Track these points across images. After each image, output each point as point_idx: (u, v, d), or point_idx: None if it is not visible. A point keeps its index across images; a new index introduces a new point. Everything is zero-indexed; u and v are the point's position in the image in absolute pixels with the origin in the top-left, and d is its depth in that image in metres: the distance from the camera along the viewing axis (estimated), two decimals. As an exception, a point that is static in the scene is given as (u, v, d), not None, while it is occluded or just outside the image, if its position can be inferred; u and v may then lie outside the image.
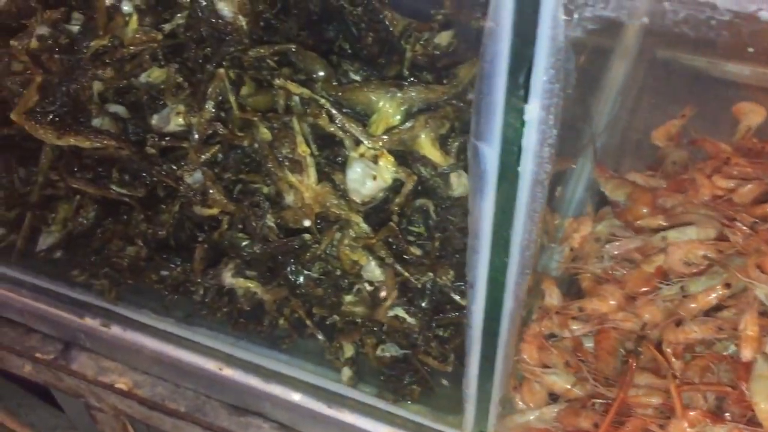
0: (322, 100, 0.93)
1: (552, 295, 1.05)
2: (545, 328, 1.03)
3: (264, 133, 0.94)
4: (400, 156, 0.96)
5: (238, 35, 0.93)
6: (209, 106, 0.94)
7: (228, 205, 0.97)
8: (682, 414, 0.82)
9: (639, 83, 1.42)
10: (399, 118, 0.95)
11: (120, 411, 1.23)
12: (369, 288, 0.98)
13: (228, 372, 1.10)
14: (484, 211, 0.71)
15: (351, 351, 1.04)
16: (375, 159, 0.94)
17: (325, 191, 0.95)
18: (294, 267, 0.99)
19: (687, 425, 0.83)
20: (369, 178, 0.92)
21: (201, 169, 0.95)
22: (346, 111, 0.94)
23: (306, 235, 0.96)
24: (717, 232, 1.02)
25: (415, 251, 0.97)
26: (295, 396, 1.07)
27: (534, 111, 0.61)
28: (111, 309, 1.17)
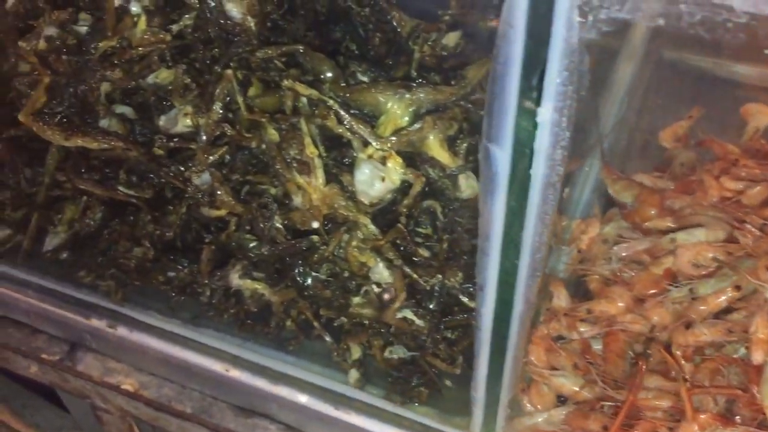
0: (330, 101, 0.92)
1: (560, 297, 1.05)
2: (553, 330, 1.02)
3: (272, 135, 0.94)
4: (408, 157, 0.96)
5: (246, 36, 0.92)
6: (217, 107, 0.94)
7: (236, 207, 0.96)
8: (692, 417, 0.82)
9: (646, 84, 1.41)
10: (407, 119, 0.94)
11: (126, 412, 1.23)
12: (377, 290, 0.97)
13: (235, 373, 1.09)
14: (494, 214, 0.70)
15: (358, 353, 1.04)
16: (383, 160, 0.93)
17: (333, 193, 0.95)
18: (302, 268, 0.98)
19: (697, 428, 0.83)
20: (377, 179, 0.92)
21: (209, 171, 0.95)
22: (354, 112, 0.94)
23: (314, 237, 0.95)
24: (726, 234, 1.01)
25: (424, 253, 0.96)
26: (302, 398, 1.06)
27: (547, 113, 0.60)
28: (117, 310, 1.16)
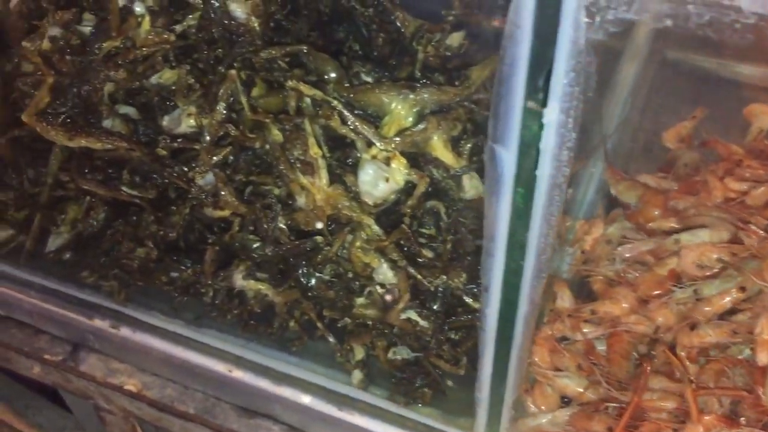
0: (334, 101, 0.92)
1: (564, 298, 1.04)
2: (557, 330, 1.02)
3: (276, 135, 0.94)
4: (411, 158, 0.96)
5: (250, 36, 0.92)
6: (220, 107, 0.94)
7: (239, 207, 0.96)
8: (697, 418, 0.82)
9: (649, 84, 1.41)
10: (411, 119, 0.94)
11: (129, 413, 1.22)
12: (380, 290, 0.97)
13: (238, 374, 1.09)
14: (499, 215, 0.70)
15: (362, 353, 1.04)
16: (387, 161, 0.93)
17: (337, 193, 0.94)
18: (305, 269, 0.98)
19: (702, 430, 0.83)
20: (381, 180, 0.92)
21: (212, 171, 0.95)
22: (358, 112, 0.94)
23: (318, 238, 0.95)
24: (730, 234, 1.01)
25: (427, 254, 0.96)
26: (306, 398, 1.06)
27: (553, 114, 0.60)
28: (120, 310, 1.16)
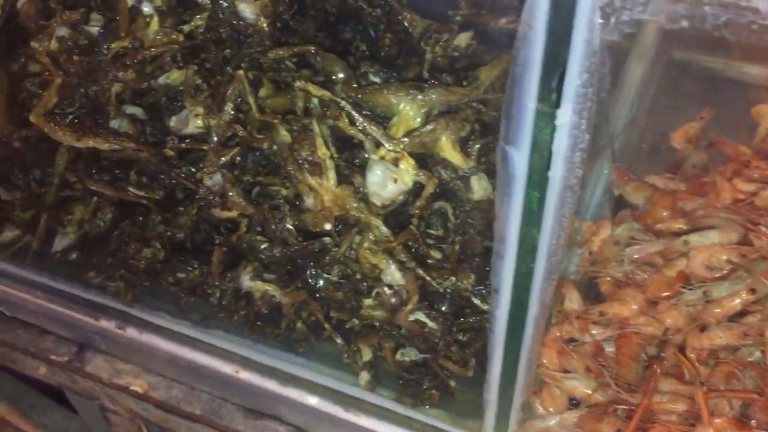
0: (342, 102, 0.92)
1: (572, 299, 1.04)
2: (565, 332, 1.02)
3: (284, 136, 0.94)
4: (420, 159, 0.95)
5: (259, 37, 0.92)
6: (228, 107, 0.93)
7: (247, 208, 0.96)
8: (708, 421, 0.81)
9: (656, 84, 1.41)
10: (419, 120, 0.94)
11: (135, 413, 1.22)
12: (388, 292, 0.97)
13: (244, 375, 1.09)
14: (511, 216, 0.70)
15: (369, 355, 1.03)
16: (395, 162, 0.93)
17: (345, 194, 0.94)
18: (313, 270, 0.98)
19: (713, 432, 0.82)
20: (390, 180, 0.91)
21: (220, 172, 0.94)
22: (366, 113, 0.94)
23: (326, 239, 0.95)
24: (739, 236, 1.01)
25: (436, 255, 0.96)
26: (312, 399, 1.06)
27: (566, 115, 0.60)
28: (126, 311, 1.16)
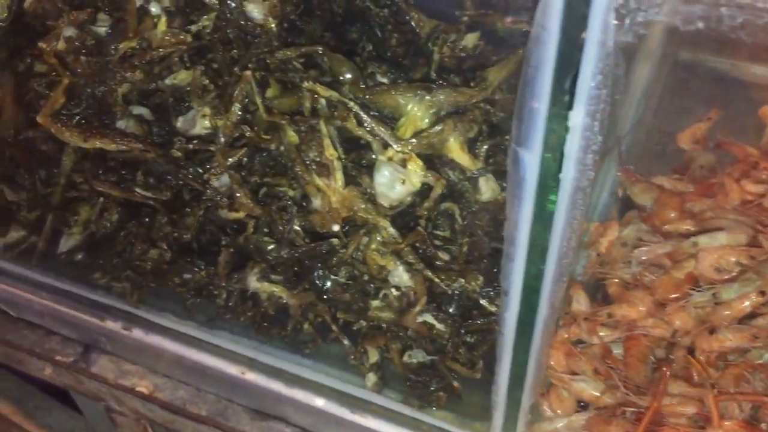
0: (350, 103, 0.91)
1: (579, 301, 1.04)
2: (573, 334, 1.01)
3: (291, 136, 0.93)
4: (427, 160, 0.95)
5: (267, 37, 0.91)
6: (236, 108, 0.93)
7: (255, 209, 0.95)
8: (718, 424, 0.81)
9: (663, 85, 1.40)
10: (427, 121, 0.93)
11: (141, 415, 1.22)
12: (396, 293, 0.96)
13: (250, 376, 1.09)
14: (521, 218, 0.69)
15: (376, 356, 1.03)
16: (403, 163, 0.92)
17: (353, 195, 0.94)
18: (321, 272, 0.97)
19: (723, 435, 0.82)
20: (398, 182, 0.91)
21: (228, 173, 0.94)
22: (374, 114, 0.93)
23: (334, 240, 0.95)
24: (748, 237, 1.01)
25: (443, 256, 0.95)
26: (319, 401, 1.05)
27: (579, 117, 0.59)
28: (132, 312, 1.16)
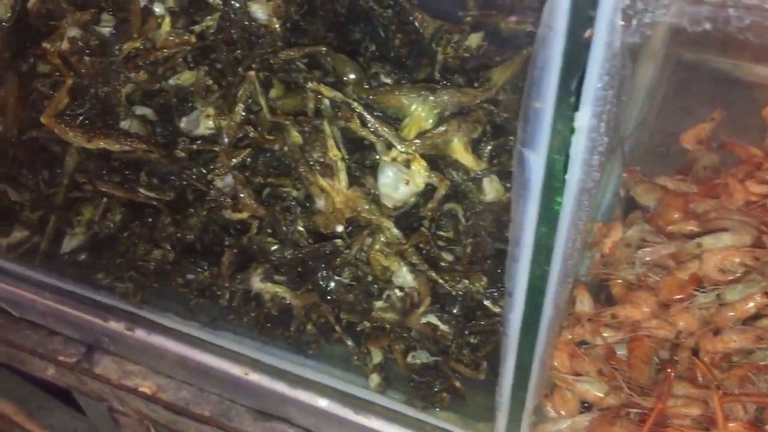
0: (354, 103, 0.91)
1: (583, 302, 1.04)
2: (577, 335, 1.01)
3: (295, 137, 0.93)
4: (431, 160, 0.95)
5: (271, 38, 0.91)
6: (239, 108, 0.93)
7: (258, 210, 0.95)
8: (723, 425, 0.81)
9: (666, 85, 1.40)
10: (431, 121, 0.93)
11: (144, 415, 1.22)
12: (399, 294, 0.96)
13: (254, 377, 1.09)
14: (526, 219, 0.69)
15: (379, 357, 1.03)
16: (407, 163, 0.92)
17: (356, 196, 0.93)
18: (324, 272, 0.97)
19: (728, 437, 0.82)
20: (402, 182, 0.91)
21: (231, 173, 0.94)
22: (377, 114, 0.93)
23: (338, 241, 0.94)
24: (753, 238, 1.00)
25: (447, 257, 0.95)
26: (322, 402, 1.05)
27: (585, 118, 0.59)
28: (135, 312, 1.15)
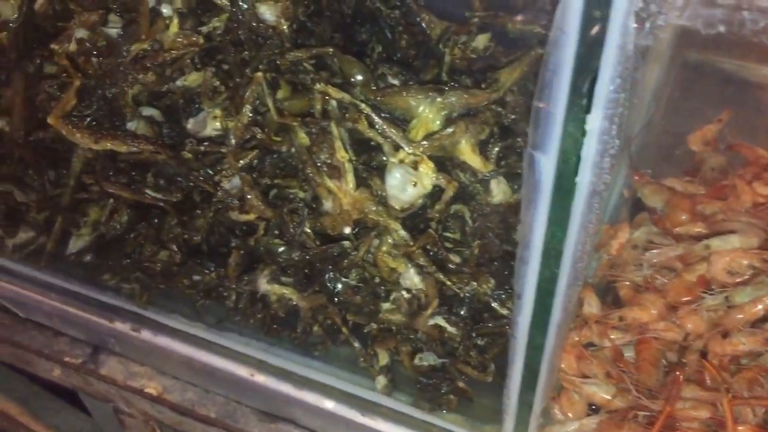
0: (362, 104, 0.91)
1: (591, 304, 1.03)
2: (584, 337, 1.01)
3: (302, 138, 0.93)
4: (438, 162, 0.94)
5: (279, 39, 0.91)
6: (246, 110, 0.93)
7: (266, 211, 0.95)
8: (733, 429, 0.81)
9: (672, 86, 1.40)
10: (439, 123, 0.93)
11: (150, 416, 1.22)
12: (407, 296, 0.96)
13: (260, 378, 1.09)
14: (536, 222, 0.69)
15: (386, 359, 1.03)
16: (415, 165, 0.92)
17: (364, 197, 0.93)
18: (331, 274, 0.97)
19: (737, 440, 0.82)
20: (409, 184, 0.91)
21: (239, 175, 0.94)
22: (385, 116, 0.93)
23: (345, 242, 0.94)
24: (761, 240, 1.00)
25: (455, 259, 0.95)
26: (328, 403, 1.05)
27: (596, 121, 0.59)
28: (141, 313, 1.15)
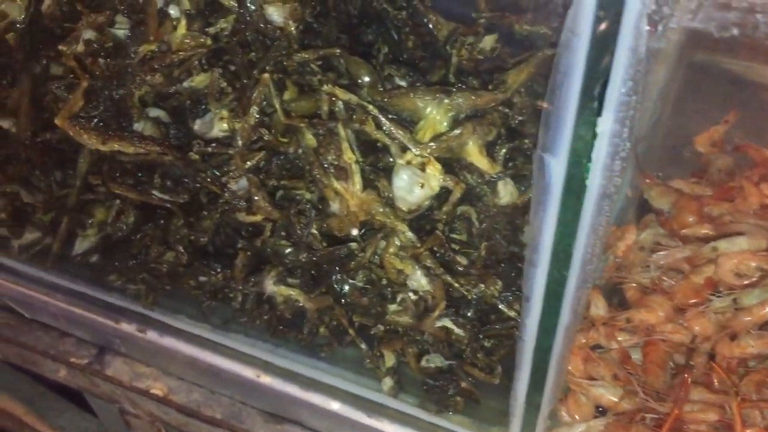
0: (369, 106, 0.91)
1: (598, 306, 1.03)
2: (591, 339, 1.01)
3: (309, 140, 0.93)
4: (446, 163, 0.94)
5: (286, 40, 0.91)
6: (253, 111, 0.93)
7: (273, 213, 0.95)
8: (741, 431, 0.81)
9: (678, 87, 1.39)
10: (446, 124, 0.93)
11: (155, 417, 1.22)
12: (414, 297, 0.96)
13: (266, 379, 1.09)
14: (545, 224, 0.69)
15: (392, 360, 1.03)
16: (422, 166, 0.91)
17: (371, 199, 0.93)
18: (338, 276, 0.97)
19: (745, 443, 0.81)
20: (416, 185, 0.90)
21: (246, 176, 0.94)
22: (392, 117, 0.92)
23: (352, 244, 0.94)
24: (768, 242, 1.00)
25: (462, 260, 0.95)
26: (334, 405, 1.05)
27: (607, 123, 0.59)
28: (147, 314, 1.15)
